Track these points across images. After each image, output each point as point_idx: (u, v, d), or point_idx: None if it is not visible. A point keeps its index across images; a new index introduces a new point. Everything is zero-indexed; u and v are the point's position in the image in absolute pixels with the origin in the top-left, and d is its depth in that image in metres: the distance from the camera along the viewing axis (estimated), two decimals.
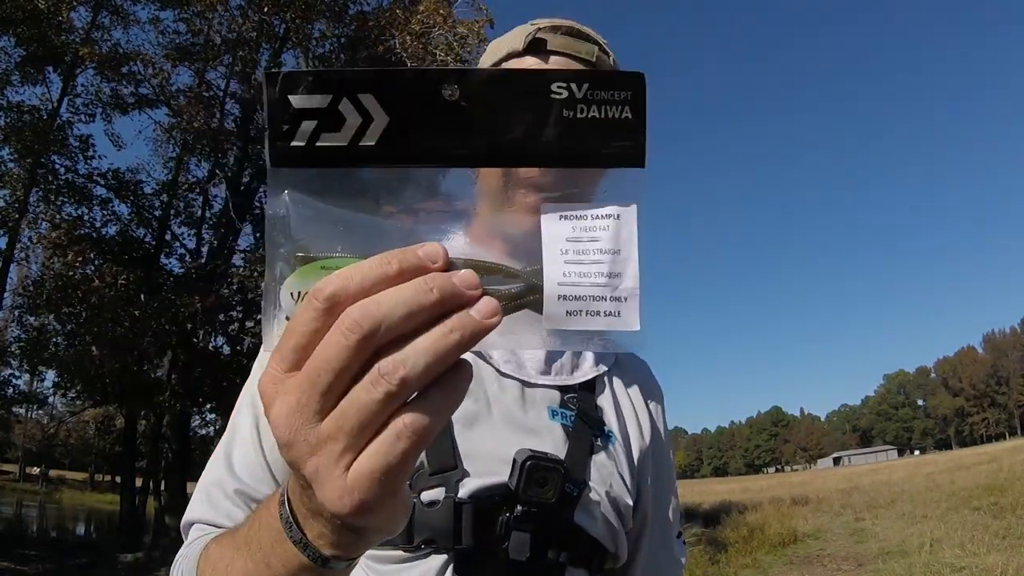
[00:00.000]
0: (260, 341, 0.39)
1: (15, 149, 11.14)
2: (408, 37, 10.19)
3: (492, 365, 0.84)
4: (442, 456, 0.74)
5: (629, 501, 0.84)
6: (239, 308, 12.42)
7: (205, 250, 13.41)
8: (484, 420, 0.79)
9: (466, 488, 0.73)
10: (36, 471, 52.34)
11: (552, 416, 0.82)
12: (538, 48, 0.83)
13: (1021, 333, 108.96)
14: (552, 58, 0.83)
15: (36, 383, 18.15)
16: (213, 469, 0.77)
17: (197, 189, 13.82)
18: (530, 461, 0.70)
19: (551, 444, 0.79)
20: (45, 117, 11.91)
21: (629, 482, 0.85)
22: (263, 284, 0.38)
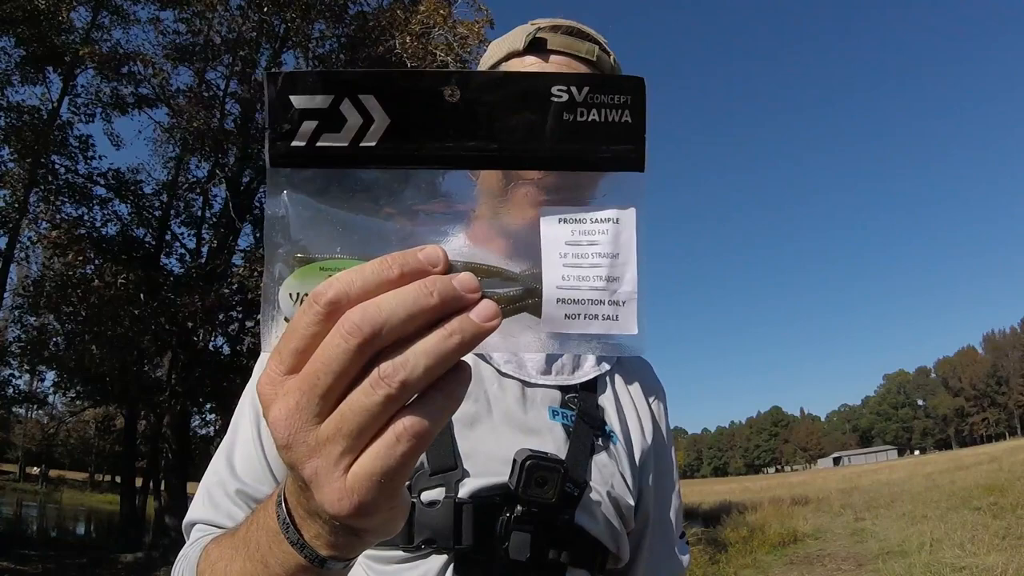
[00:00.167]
0: (259, 341, 0.39)
1: (15, 149, 11.12)
2: (408, 37, 10.18)
3: (492, 365, 0.83)
4: (442, 456, 0.74)
5: (631, 501, 0.83)
6: (239, 308, 12.40)
7: (205, 250, 13.40)
8: (484, 420, 0.79)
9: (466, 488, 0.73)
10: (36, 471, 52.33)
11: (553, 416, 0.82)
12: (538, 47, 0.83)
13: (1021, 333, 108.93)
14: (552, 57, 0.82)
15: (36, 383, 18.14)
16: (215, 470, 0.77)
17: (197, 189, 13.81)
18: (530, 461, 0.70)
19: (552, 444, 0.79)
20: (45, 117, 11.90)
21: (631, 482, 0.85)
22: (262, 285, 0.38)
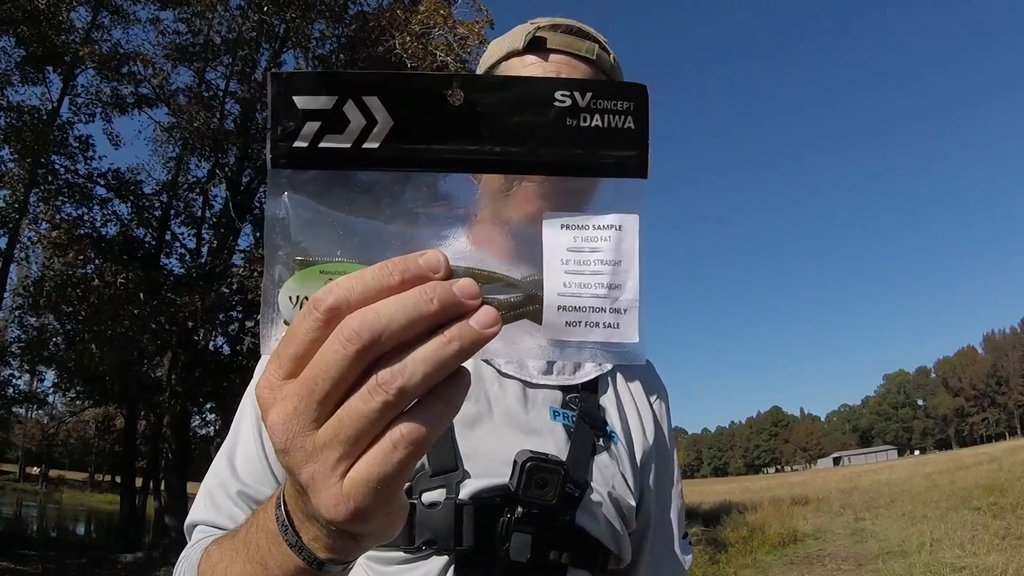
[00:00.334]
0: (259, 341, 0.39)
1: (15, 149, 11.12)
2: (408, 37, 10.18)
3: (493, 365, 0.83)
4: (443, 457, 0.74)
5: (632, 502, 0.83)
6: (239, 308, 12.40)
7: (205, 250, 13.40)
8: (485, 421, 0.79)
9: (467, 489, 0.73)
10: (36, 471, 52.35)
11: (554, 416, 0.82)
12: (538, 46, 0.83)
13: (1021, 333, 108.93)
14: (552, 56, 0.82)
15: (36, 383, 18.14)
16: (216, 471, 0.77)
17: (197, 189, 13.82)
18: (530, 462, 0.70)
19: (553, 445, 0.78)
20: (45, 117, 11.90)
21: (632, 482, 0.84)
22: (262, 286, 0.37)
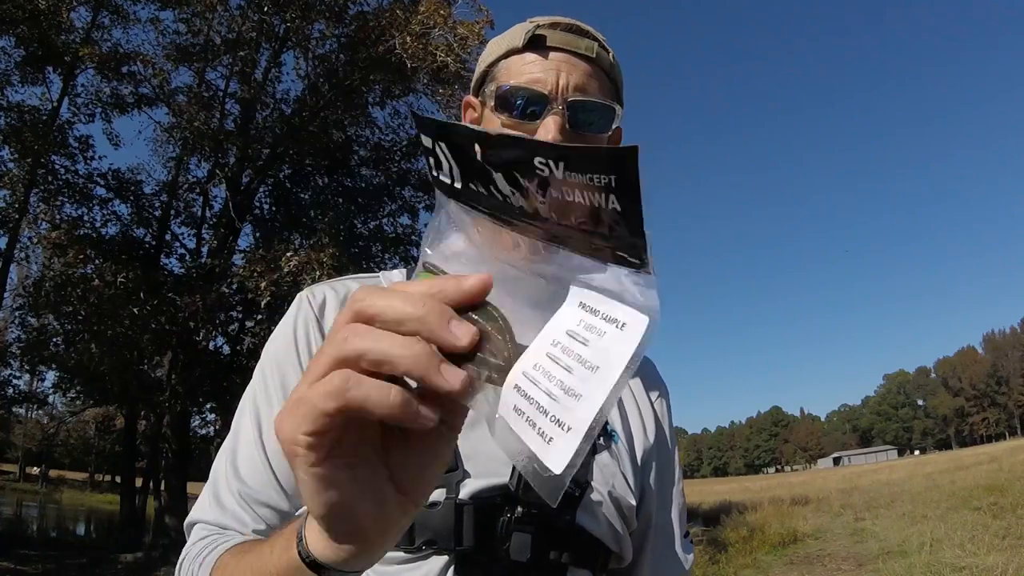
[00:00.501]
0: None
1: (15, 149, 11.12)
2: (408, 38, 10.15)
3: None
4: None
5: (632, 501, 0.83)
6: (239, 308, 12.40)
7: (205, 250, 13.39)
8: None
9: (467, 489, 0.73)
10: (36, 471, 52.37)
11: None
12: (538, 44, 0.83)
13: (1021, 333, 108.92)
14: (552, 54, 0.82)
15: (36, 383, 18.13)
16: (218, 470, 0.77)
17: (197, 189, 13.80)
18: None
19: None
20: (45, 117, 11.90)
21: (632, 482, 0.84)
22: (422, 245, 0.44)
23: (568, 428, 0.31)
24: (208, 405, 13.68)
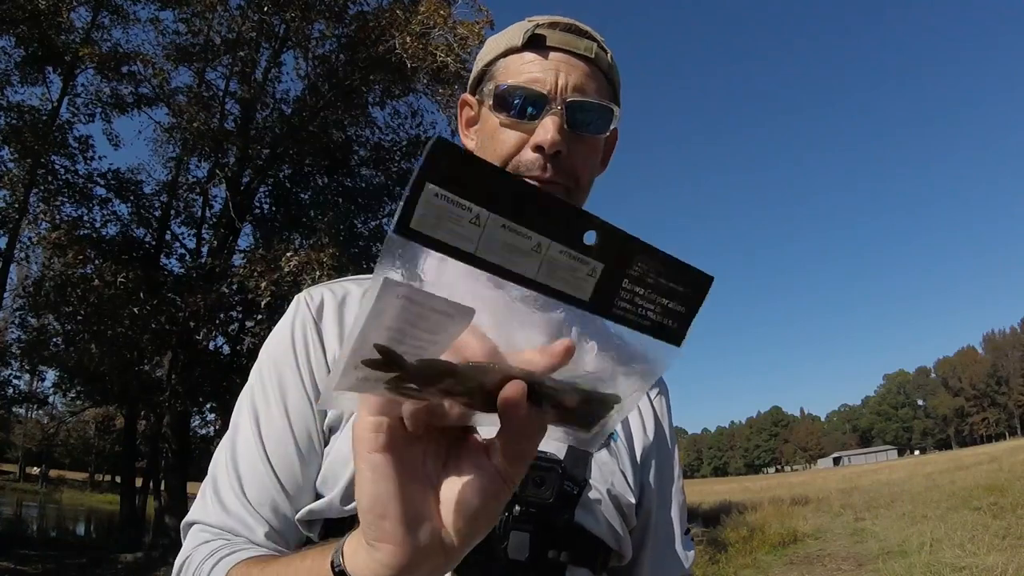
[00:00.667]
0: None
1: (15, 149, 11.11)
2: (408, 38, 10.15)
3: None
4: None
5: (631, 499, 0.83)
6: (239, 308, 12.39)
7: (205, 250, 13.38)
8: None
9: None
10: (36, 471, 52.36)
11: None
12: (537, 44, 0.83)
13: (1021, 333, 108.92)
14: (551, 54, 0.82)
15: (36, 383, 18.14)
16: (216, 470, 0.77)
17: (197, 189, 13.79)
18: None
19: (552, 442, 0.78)
20: (45, 117, 11.89)
21: (631, 480, 0.84)
22: None
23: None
24: (208, 405, 13.67)
